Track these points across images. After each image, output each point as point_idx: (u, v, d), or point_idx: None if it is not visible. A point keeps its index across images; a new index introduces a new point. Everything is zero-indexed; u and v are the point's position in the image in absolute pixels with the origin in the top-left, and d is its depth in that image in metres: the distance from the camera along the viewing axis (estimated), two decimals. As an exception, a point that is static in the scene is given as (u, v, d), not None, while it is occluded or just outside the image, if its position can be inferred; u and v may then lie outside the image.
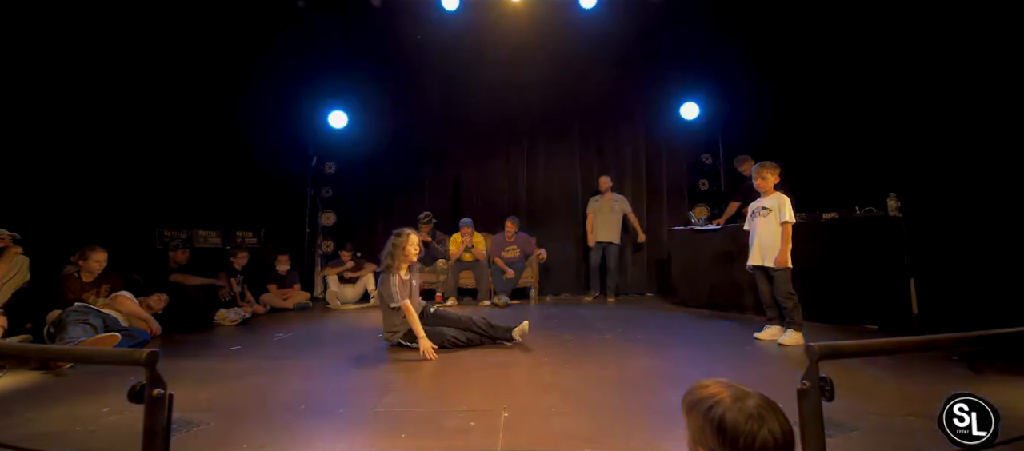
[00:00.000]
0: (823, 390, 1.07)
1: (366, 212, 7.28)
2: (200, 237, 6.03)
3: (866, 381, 2.63)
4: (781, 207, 3.71)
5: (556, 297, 6.77)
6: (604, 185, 6.55)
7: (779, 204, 3.73)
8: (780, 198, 3.75)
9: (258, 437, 2.03)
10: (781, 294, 3.68)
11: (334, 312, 5.85)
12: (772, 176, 3.81)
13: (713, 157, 7.20)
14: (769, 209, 3.78)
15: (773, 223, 3.74)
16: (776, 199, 3.76)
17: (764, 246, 3.77)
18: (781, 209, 3.71)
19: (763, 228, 3.80)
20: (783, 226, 3.68)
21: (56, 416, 2.29)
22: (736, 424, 0.90)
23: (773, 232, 3.73)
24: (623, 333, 4.19)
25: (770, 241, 3.74)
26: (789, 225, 3.67)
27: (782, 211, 3.70)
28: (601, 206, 6.56)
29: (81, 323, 3.47)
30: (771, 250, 3.72)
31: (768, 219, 3.77)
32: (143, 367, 1.11)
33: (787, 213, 3.68)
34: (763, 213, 3.82)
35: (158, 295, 4.51)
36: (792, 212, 3.71)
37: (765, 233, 3.78)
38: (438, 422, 2.16)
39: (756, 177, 3.87)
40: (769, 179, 3.81)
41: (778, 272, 3.68)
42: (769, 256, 3.73)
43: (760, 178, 3.84)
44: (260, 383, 2.81)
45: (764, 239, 3.78)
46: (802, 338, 3.58)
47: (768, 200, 3.80)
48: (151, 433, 1.10)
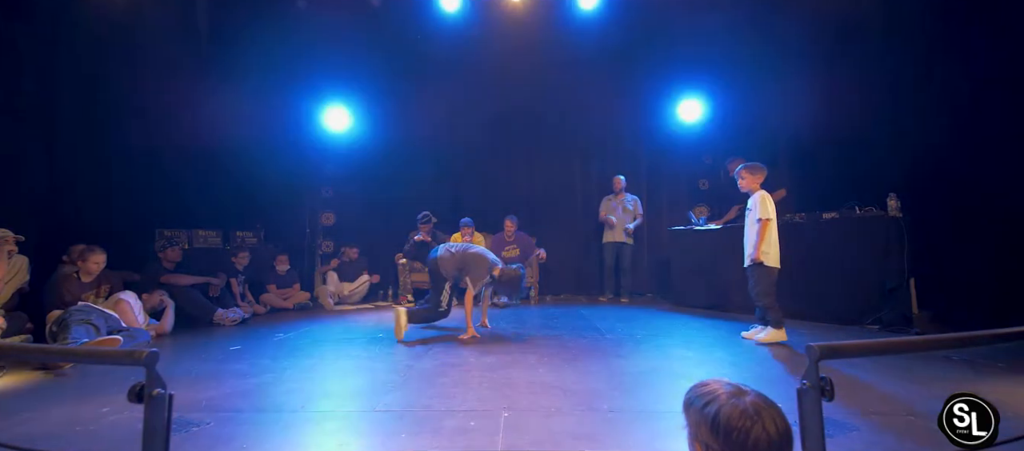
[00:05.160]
0: (823, 390, 1.07)
1: (366, 212, 7.28)
2: (200, 237, 6.01)
3: (866, 381, 2.63)
4: (757, 205, 3.73)
5: (556, 297, 6.77)
6: (618, 185, 6.53)
7: (758, 202, 3.75)
8: (760, 196, 3.76)
9: (258, 437, 2.03)
10: (757, 292, 3.72)
11: (334, 312, 5.85)
12: (751, 176, 3.82)
13: (713, 157, 7.20)
14: (751, 209, 3.82)
15: (750, 222, 3.79)
16: (757, 197, 3.78)
17: (747, 245, 3.83)
18: (757, 206, 3.73)
19: (747, 228, 3.85)
20: (759, 223, 3.69)
21: (56, 416, 2.29)
22: (730, 420, 0.91)
23: (754, 232, 3.75)
24: (623, 333, 4.19)
25: (750, 240, 3.78)
26: (766, 221, 3.67)
27: (757, 207, 3.72)
28: (614, 206, 6.55)
29: (84, 324, 3.47)
30: (751, 249, 3.77)
31: (750, 218, 3.82)
32: (143, 367, 1.11)
33: (761, 210, 3.69)
34: (749, 213, 3.86)
35: (160, 294, 4.52)
36: (770, 209, 3.71)
37: (748, 233, 3.83)
38: (438, 422, 2.16)
39: (738, 177, 3.90)
40: (748, 179, 3.83)
41: (756, 270, 3.71)
42: (750, 256, 3.78)
43: (740, 178, 3.88)
44: (260, 383, 2.81)
45: (747, 238, 3.85)
46: (782, 335, 3.61)
47: (751, 200, 3.84)
48: (151, 433, 1.10)
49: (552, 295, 6.81)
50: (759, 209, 3.71)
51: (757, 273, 3.71)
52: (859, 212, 4.46)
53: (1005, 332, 1.30)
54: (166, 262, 5.00)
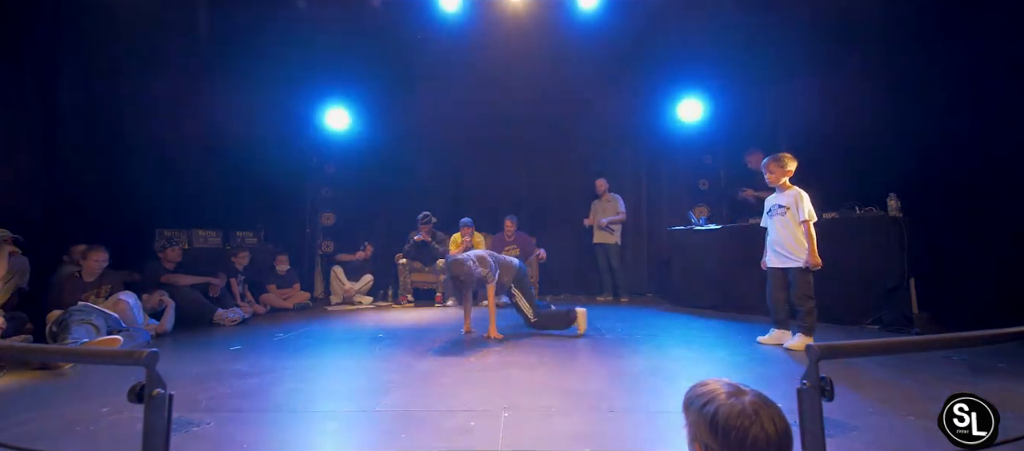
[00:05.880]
0: (823, 390, 1.07)
1: (366, 212, 7.28)
2: (200, 237, 6.02)
3: (866, 381, 2.63)
4: (799, 205, 3.46)
5: (556, 297, 6.76)
6: (601, 187, 6.63)
7: (796, 202, 3.48)
8: (797, 195, 3.50)
9: (258, 437, 2.03)
10: (799, 296, 3.45)
11: (334, 312, 5.85)
12: (780, 169, 3.54)
13: (713, 157, 7.20)
14: (786, 208, 3.54)
15: (791, 222, 3.50)
16: (793, 196, 3.51)
17: (779, 246, 3.58)
18: (799, 207, 3.45)
19: (779, 228, 3.57)
20: (804, 225, 3.43)
21: (56, 416, 2.29)
22: (728, 419, 0.91)
23: (790, 232, 3.51)
24: (623, 333, 4.19)
25: (786, 241, 3.53)
26: (809, 223, 3.42)
27: (800, 209, 3.45)
28: (598, 208, 6.64)
29: (85, 323, 3.46)
30: (788, 251, 3.52)
31: (785, 218, 3.53)
32: (143, 367, 1.11)
33: (805, 211, 3.43)
34: (779, 212, 3.59)
35: (160, 294, 4.52)
36: (812, 209, 3.46)
37: (782, 233, 3.56)
38: (438, 422, 2.16)
39: (765, 171, 3.63)
40: (776, 172, 3.56)
41: (801, 274, 3.45)
42: (787, 257, 3.52)
43: (768, 172, 3.60)
44: (260, 383, 2.81)
45: (779, 238, 3.58)
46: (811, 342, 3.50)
47: (784, 197, 3.57)
48: (151, 433, 1.10)
49: (552, 295, 6.81)
50: (801, 209, 3.44)
51: (804, 277, 3.44)
52: (859, 212, 4.46)
53: (1005, 332, 1.30)
54: (166, 262, 5.00)
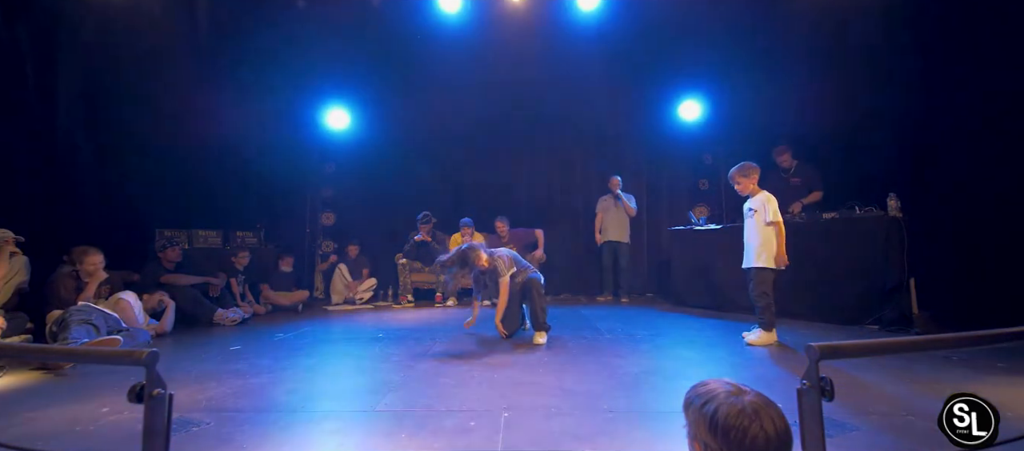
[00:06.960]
0: (823, 390, 1.07)
1: (366, 212, 7.28)
2: (200, 237, 6.02)
3: (866, 381, 2.63)
4: (765, 208, 3.66)
5: (556, 297, 6.76)
6: (614, 185, 6.55)
7: (763, 204, 3.68)
8: (764, 198, 3.70)
9: (258, 437, 2.03)
10: (755, 293, 3.68)
11: (334, 312, 5.85)
12: (746, 179, 3.76)
13: (713, 157, 7.20)
14: (755, 210, 3.74)
15: (758, 224, 3.70)
16: (761, 199, 3.71)
17: (748, 247, 3.78)
18: (765, 209, 3.66)
19: (748, 229, 3.79)
20: (770, 226, 3.63)
21: (56, 416, 2.29)
22: (728, 419, 0.92)
23: (757, 233, 3.70)
24: (623, 333, 4.19)
25: (751, 241, 3.75)
26: (777, 224, 3.62)
27: (766, 211, 3.65)
28: (609, 205, 6.56)
29: (84, 324, 3.46)
30: (751, 250, 3.73)
31: (753, 220, 3.74)
32: (143, 367, 1.11)
33: (771, 213, 3.63)
34: (750, 215, 3.79)
35: (160, 294, 4.52)
36: (777, 211, 3.66)
37: (749, 234, 3.78)
38: (438, 422, 2.16)
39: (733, 183, 3.84)
40: (743, 182, 3.77)
41: (759, 272, 3.67)
42: (751, 257, 3.73)
43: (736, 183, 3.82)
44: (260, 383, 2.81)
45: (747, 239, 3.80)
46: (773, 337, 3.60)
47: (754, 201, 3.76)
48: (151, 433, 1.10)
49: (552, 295, 6.80)
50: (767, 212, 3.63)
51: (759, 275, 3.67)
52: (859, 212, 4.46)
53: (1005, 332, 1.30)
54: (166, 262, 5.00)
